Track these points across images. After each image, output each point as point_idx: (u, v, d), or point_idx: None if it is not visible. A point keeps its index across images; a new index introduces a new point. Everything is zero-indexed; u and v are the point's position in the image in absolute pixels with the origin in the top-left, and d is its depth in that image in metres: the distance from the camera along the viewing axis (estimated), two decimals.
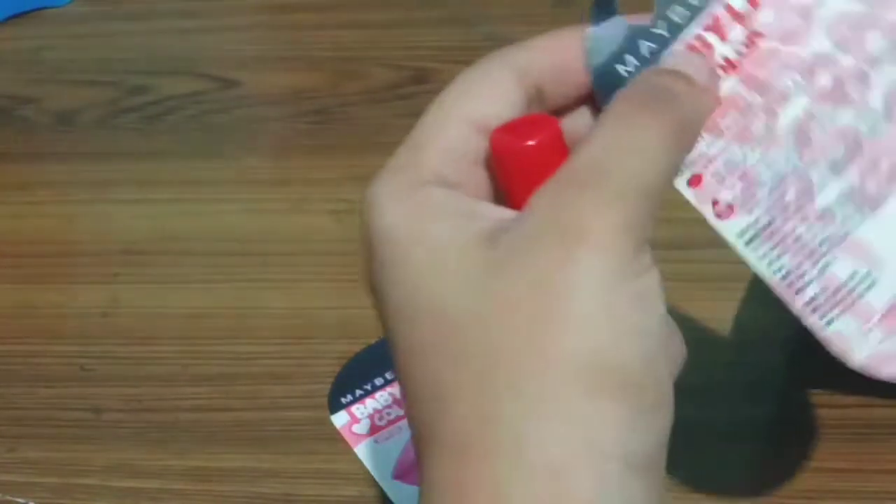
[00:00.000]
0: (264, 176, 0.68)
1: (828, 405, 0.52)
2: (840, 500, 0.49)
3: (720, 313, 0.56)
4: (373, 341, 0.57)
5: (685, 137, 0.32)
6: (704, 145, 0.32)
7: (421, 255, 0.30)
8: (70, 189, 0.68)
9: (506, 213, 0.31)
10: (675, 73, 0.32)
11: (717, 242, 0.63)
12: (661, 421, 0.30)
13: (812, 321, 0.32)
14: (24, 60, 0.78)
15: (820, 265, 0.32)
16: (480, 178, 0.32)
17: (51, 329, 0.59)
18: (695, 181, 0.32)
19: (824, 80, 0.32)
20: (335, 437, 0.53)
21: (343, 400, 0.54)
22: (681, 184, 0.32)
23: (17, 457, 0.54)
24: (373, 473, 0.51)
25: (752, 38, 0.32)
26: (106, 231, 0.65)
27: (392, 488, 0.50)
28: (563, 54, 0.33)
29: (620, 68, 0.32)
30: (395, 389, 0.54)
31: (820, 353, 0.33)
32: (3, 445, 0.54)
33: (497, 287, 0.29)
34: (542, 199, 0.30)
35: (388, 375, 0.55)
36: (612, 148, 0.30)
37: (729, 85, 0.32)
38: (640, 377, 0.29)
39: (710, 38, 0.32)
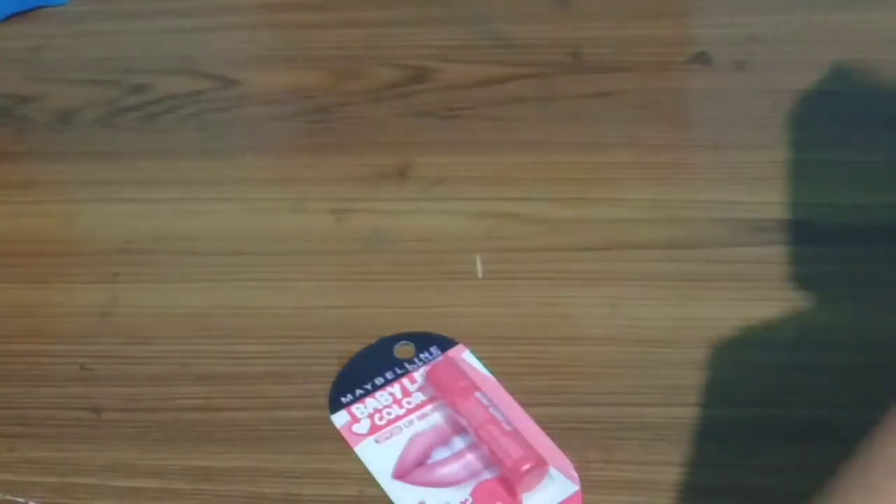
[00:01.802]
0: (264, 175, 0.68)
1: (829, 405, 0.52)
2: None
3: (721, 313, 0.56)
4: (373, 341, 0.57)
5: None
6: None
7: None
8: (70, 189, 0.68)
9: None
10: None
11: (718, 242, 0.63)
12: None
13: None
14: (24, 60, 0.78)
15: None
16: None
17: (51, 329, 0.59)
18: None
19: None
20: (335, 437, 0.53)
21: (343, 400, 0.54)
22: None
23: (17, 456, 0.53)
24: (373, 473, 0.51)
25: None
26: (106, 231, 0.65)
27: (392, 488, 0.50)
28: None
29: None
30: (394, 389, 0.54)
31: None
32: (3, 445, 0.54)
33: None
34: None
35: (388, 375, 0.55)
36: None
37: None
38: None
39: None
